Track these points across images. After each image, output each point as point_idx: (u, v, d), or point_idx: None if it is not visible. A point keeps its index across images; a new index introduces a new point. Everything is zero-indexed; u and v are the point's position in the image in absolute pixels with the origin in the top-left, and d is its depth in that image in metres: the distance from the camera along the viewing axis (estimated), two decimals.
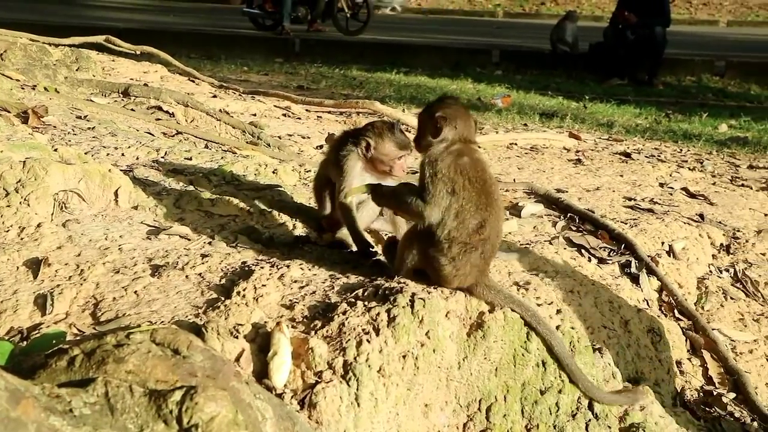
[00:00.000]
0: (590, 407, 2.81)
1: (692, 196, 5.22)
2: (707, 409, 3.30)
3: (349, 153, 3.16)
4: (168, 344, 2.09)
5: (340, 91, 9.78)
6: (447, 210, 2.64)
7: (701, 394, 3.42)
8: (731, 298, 4.07)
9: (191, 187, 3.54)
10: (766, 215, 5.08)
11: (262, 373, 2.32)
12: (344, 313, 2.51)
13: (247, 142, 4.74)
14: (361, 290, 2.65)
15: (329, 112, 7.06)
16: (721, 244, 4.50)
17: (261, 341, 2.41)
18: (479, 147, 2.81)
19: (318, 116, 6.78)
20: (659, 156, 6.67)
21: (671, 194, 5.19)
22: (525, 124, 7.82)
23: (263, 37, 15.93)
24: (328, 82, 10.47)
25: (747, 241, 4.54)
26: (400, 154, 3.12)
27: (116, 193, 3.24)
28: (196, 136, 4.63)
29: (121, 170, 3.50)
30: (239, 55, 12.88)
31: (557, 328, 2.83)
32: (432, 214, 2.63)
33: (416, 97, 9.50)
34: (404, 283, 2.67)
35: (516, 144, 6.31)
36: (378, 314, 2.51)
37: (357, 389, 2.34)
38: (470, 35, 17.02)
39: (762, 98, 12.10)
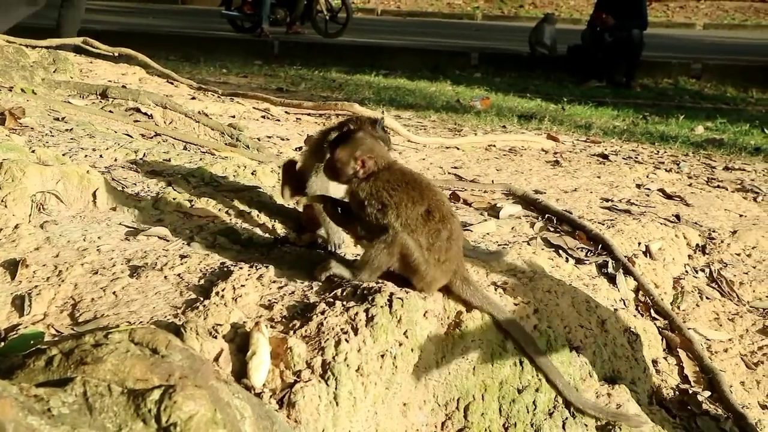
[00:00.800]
0: (567, 406, 2.84)
1: (669, 197, 5.26)
2: (683, 407, 3.33)
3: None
4: (146, 344, 2.10)
5: (319, 93, 9.79)
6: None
7: (677, 392, 3.45)
8: (707, 298, 4.11)
9: (170, 189, 3.54)
10: (741, 216, 5.13)
11: (240, 373, 2.33)
12: (323, 312, 2.52)
13: (226, 144, 4.74)
14: (339, 290, 2.67)
15: (309, 114, 7.06)
16: (697, 245, 4.54)
17: (240, 341, 2.41)
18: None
19: (297, 118, 6.78)
20: (636, 157, 6.72)
21: (648, 195, 5.23)
22: (503, 126, 7.85)
23: (242, 40, 15.91)
24: (308, 84, 10.48)
25: (722, 242, 4.58)
26: None
27: (94, 195, 3.23)
28: (174, 138, 4.62)
29: (99, 172, 3.49)
30: (218, 57, 12.86)
31: (534, 327, 2.85)
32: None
33: (395, 99, 9.53)
34: (382, 282, 2.69)
35: (494, 146, 6.34)
36: (356, 314, 2.52)
37: (335, 388, 2.35)
38: (449, 38, 17.07)
39: (738, 100, 12.21)
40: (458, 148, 6.04)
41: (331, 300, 2.58)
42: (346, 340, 2.43)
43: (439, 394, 2.67)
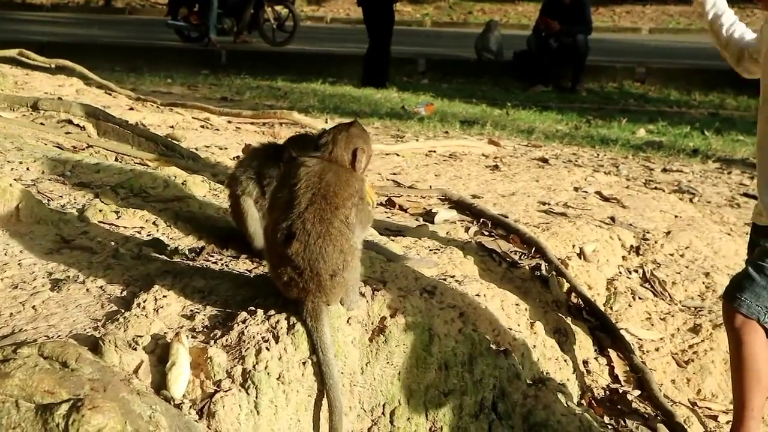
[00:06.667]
0: (494, 408, 2.86)
1: (605, 199, 5.32)
2: (612, 406, 3.38)
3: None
4: (56, 357, 2.08)
5: (264, 102, 9.74)
6: None
7: (607, 392, 3.49)
8: (639, 298, 4.17)
9: (97, 200, 3.50)
10: (676, 217, 5.21)
11: (160, 385, 2.32)
12: (244, 321, 2.52)
13: (160, 154, 4.71)
14: (262, 299, 2.66)
15: (252, 123, 7.04)
16: (631, 246, 4.61)
17: (160, 352, 2.40)
18: None
19: (237, 127, 6.75)
20: (576, 161, 6.79)
21: (585, 198, 5.28)
22: (446, 132, 7.88)
23: (189, 49, 15.79)
24: (253, 93, 10.43)
25: (656, 242, 4.65)
26: None
27: (17, 208, 3.18)
28: (106, 149, 4.58)
29: (25, 185, 3.45)
30: (165, 67, 12.73)
31: (459, 331, 2.87)
32: None
33: (340, 107, 9.53)
34: None
35: (435, 152, 6.36)
36: (278, 322, 2.52)
37: (256, 397, 2.35)
38: (397, 45, 17.02)
39: (681, 103, 12.38)
40: (398, 155, 6.06)
41: (253, 309, 2.58)
42: (267, 348, 2.43)
43: (364, 400, 2.68)
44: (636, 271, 4.39)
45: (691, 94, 12.95)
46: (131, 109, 6.59)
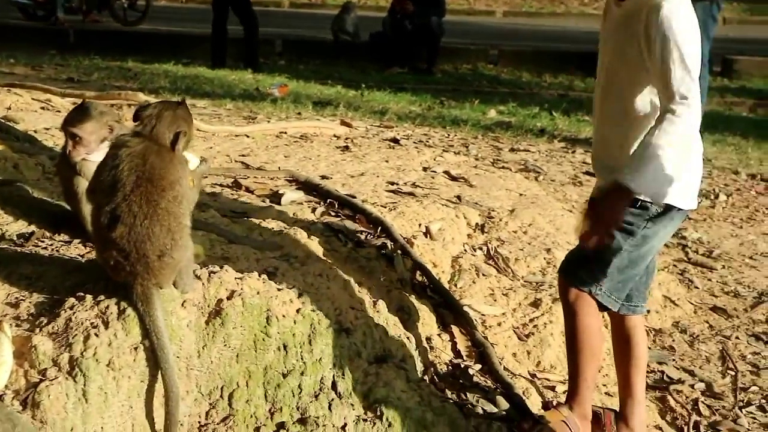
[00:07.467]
0: (333, 387, 2.87)
1: (453, 178, 5.40)
2: (454, 381, 3.44)
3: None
4: None
5: (113, 83, 9.44)
6: None
7: (450, 367, 3.56)
8: (483, 275, 4.25)
9: None
10: (521, 195, 5.34)
11: None
12: (72, 308, 2.45)
13: None
14: (92, 284, 2.58)
15: None
16: (477, 224, 4.69)
17: None
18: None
19: None
20: (427, 141, 6.87)
21: (433, 178, 5.35)
22: (299, 113, 7.84)
23: (34, 28, 15.14)
24: (102, 74, 10.09)
25: (501, 220, 4.76)
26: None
27: None
28: None
29: None
30: (7, 47, 12.12)
31: (297, 311, 2.86)
32: None
33: (192, 88, 9.34)
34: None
35: (285, 133, 6.31)
36: (107, 307, 2.46)
37: (84, 385, 2.29)
38: None
39: (532, 84, 12.72)
40: (248, 136, 5.98)
41: (82, 294, 2.50)
42: (95, 334, 2.37)
43: (201, 384, 2.65)
44: (480, 249, 4.48)
45: (542, 76, 13.33)
46: None
